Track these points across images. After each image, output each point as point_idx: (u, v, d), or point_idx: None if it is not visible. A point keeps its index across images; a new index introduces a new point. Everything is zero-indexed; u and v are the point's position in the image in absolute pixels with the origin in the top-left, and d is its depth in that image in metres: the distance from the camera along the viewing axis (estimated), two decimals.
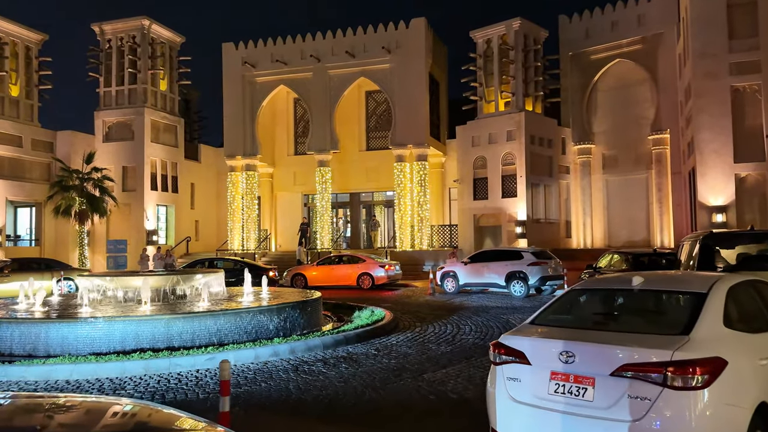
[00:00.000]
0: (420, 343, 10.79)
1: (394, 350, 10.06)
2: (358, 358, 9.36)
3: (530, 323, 4.98)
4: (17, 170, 29.10)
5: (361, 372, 8.43)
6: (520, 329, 4.86)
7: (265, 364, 9.11)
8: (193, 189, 34.85)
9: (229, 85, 31.92)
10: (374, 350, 10.08)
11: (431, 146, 29.15)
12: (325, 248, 29.59)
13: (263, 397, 7.25)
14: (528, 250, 19.76)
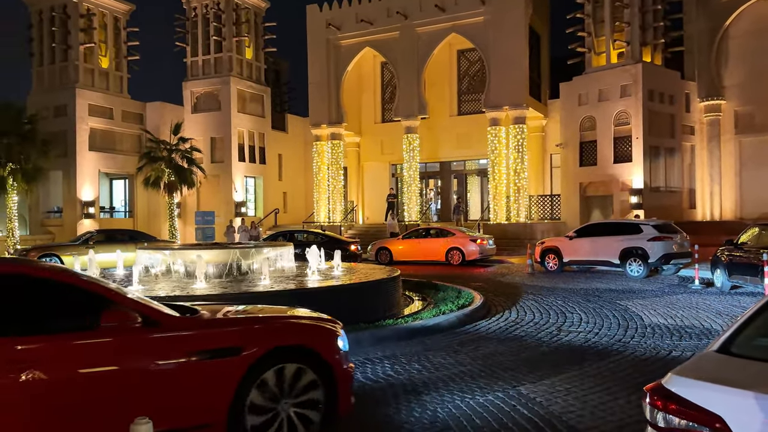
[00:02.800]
0: (515, 337, 8.64)
1: (482, 346, 8.00)
2: (435, 357, 7.40)
3: (720, 351, 2.75)
4: (109, 142, 29.49)
5: (437, 378, 6.46)
6: (702, 366, 2.66)
7: None
8: (281, 160, 34.13)
9: (313, 50, 30.49)
10: (457, 344, 8.09)
11: (530, 107, 26.20)
12: (413, 220, 27.72)
13: None
14: (648, 223, 16.76)
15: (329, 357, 4.41)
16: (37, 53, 29.20)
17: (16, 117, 23.97)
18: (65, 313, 3.75)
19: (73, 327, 3.66)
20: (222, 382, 3.92)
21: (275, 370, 4.14)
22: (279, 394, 4.18)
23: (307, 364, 4.29)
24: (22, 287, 3.70)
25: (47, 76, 28.99)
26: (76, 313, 3.74)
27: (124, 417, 3.22)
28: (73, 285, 3.80)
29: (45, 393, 3.42)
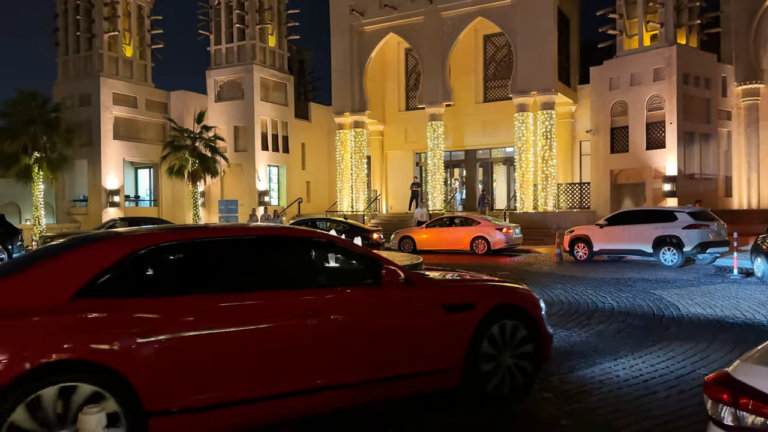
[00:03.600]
0: None
1: None
2: None
3: None
4: (133, 131, 29.57)
5: None
6: None
7: None
8: (304, 149, 33.91)
9: (336, 37, 30.07)
10: None
11: (559, 92, 25.40)
12: (438, 210, 27.21)
13: None
14: (684, 210, 16.02)
15: (537, 316, 5.10)
16: (62, 42, 29.38)
17: (42, 106, 24.10)
18: (362, 272, 4.68)
19: (368, 282, 4.57)
20: (461, 332, 4.65)
21: (499, 324, 4.83)
22: (502, 345, 4.85)
23: (521, 321, 4.96)
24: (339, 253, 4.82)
25: (72, 65, 29.15)
26: (367, 272, 4.60)
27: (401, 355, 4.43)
28: (361, 253, 4.77)
29: (352, 331, 4.29)
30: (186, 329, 3.68)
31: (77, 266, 3.70)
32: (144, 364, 3.50)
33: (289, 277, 4.37)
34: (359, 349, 4.28)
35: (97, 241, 4.03)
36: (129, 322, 3.55)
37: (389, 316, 4.48)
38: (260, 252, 4.40)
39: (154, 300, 3.74)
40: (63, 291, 3.52)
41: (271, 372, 3.92)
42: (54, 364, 3.28)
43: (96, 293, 3.61)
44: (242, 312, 3.94)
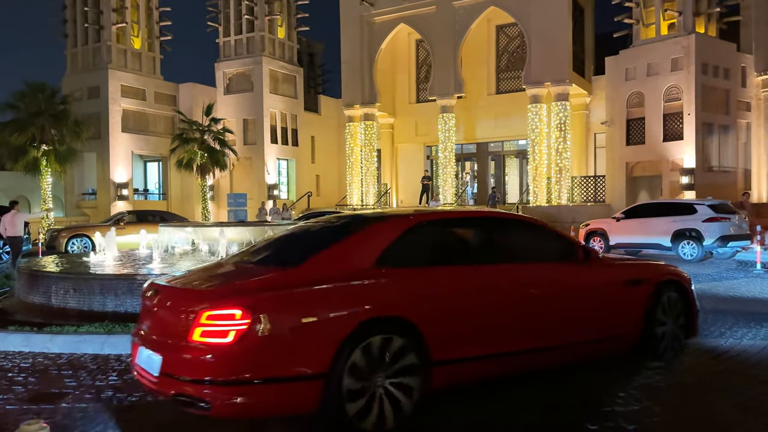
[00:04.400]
0: None
1: None
2: None
3: None
4: (142, 124, 29.36)
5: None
6: None
7: None
8: (314, 142, 33.60)
9: (346, 28, 29.64)
10: None
11: (573, 83, 24.84)
12: (448, 203, 26.80)
13: None
14: (704, 203, 15.57)
15: (690, 291, 5.93)
16: (70, 34, 29.17)
17: (50, 98, 23.91)
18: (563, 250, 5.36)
19: (567, 259, 5.31)
20: (637, 303, 5.42)
21: (666, 295, 5.62)
22: (668, 314, 5.63)
23: (678, 294, 5.77)
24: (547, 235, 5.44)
25: (80, 58, 28.95)
26: (567, 251, 5.36)
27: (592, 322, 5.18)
28: (563, 236, 5.57)
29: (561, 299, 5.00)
30: (458, 294, 4.47)
31: (373, 240, 4.43)
32: (432, 323, 4.18)
33: (516, 252, 5.15)
34: (565, 315, 4.99)
35: (384, 220, 4.88)
36: (420, 287, 4.32)
37: (586, 287, 5.25)
38: (492, 230, 5.20)
39: (431, 269, 4.51)
40: (367, 260, 4.25)
41: (512, 332, 4.67)
42: (377, 319, 4.00)
43: (387, 263, 4.29)
44: (490, 280, 4.70)
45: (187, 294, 4.10)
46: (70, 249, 18.88)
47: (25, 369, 5.76)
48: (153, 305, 4.21)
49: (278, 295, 3.84)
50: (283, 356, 3.72)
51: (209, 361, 3.65)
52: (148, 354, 4.00)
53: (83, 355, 6.30)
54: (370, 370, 3.89)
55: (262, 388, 3.68)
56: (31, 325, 7.12)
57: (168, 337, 3.90)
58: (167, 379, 3.79)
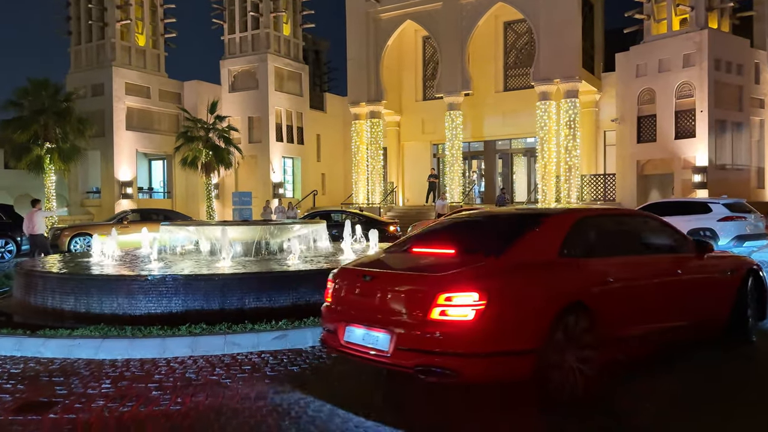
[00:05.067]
0: None
1: None
2: None
3: None
4: (146, 122, 29.15)
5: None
6: None
7: None
8: (319, 140, 33.33)
9: (352, 25, 29.31)
10: None
11: (583, 80, 24.45)
12: (456, 202, 26.45)
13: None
14: (718, 202, 15.17)
15: (764, 279, 6.58)
16: (74, 32, 28.98)
17: (53, 95, 23.69)
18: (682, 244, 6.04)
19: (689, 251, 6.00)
20: (732, 289, 6.17)
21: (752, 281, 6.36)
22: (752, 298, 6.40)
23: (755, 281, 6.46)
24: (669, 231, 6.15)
25: (84, 55, 28.75)
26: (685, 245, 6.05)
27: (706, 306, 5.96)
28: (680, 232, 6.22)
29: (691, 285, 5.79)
30: (619, 281, 5.01)
31: (552, 234, 4.99)
32: (602, 306, 4.75)
33: (655, 245, 6.03)
34: (689, 299, 5.73)
35: (555, 216, 5.50)
36: (591, 275, 4.89)
37: (701, 275, 5.95)
38: (635, 225, 6.13)
39: (597, 259, 5.09)
40: (552, 251, 4.83)
41: (658, 314, 5.42)
42: (570, 302, 4.55)
43: (565, 254, 4.89)
44: (642, 269, 5.42)
45: (422, 279, 4.56)
46: (73, 248, 18.67)
47: (14, 375, 5.49)
48: (371, 289, 4.71)
49: (505, 281, 4.46)
50: (509, 332, 4.31)
51: (454, 336, 4.21)
52: (365, 332, 4.62)
53: (76, 361, 6.02)
54: (565, 346, 4.46)
55: (495, 359, 4.26)
56: (26, 327, 6.85)
57: (401, 317, 4.44)
58: (405, 353, 4.34)
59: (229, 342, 6.42)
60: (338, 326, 4.86)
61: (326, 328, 5.09)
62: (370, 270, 4.88)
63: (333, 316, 4.99)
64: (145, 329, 6.70)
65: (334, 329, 4.92)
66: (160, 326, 6.80)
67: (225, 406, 4.67)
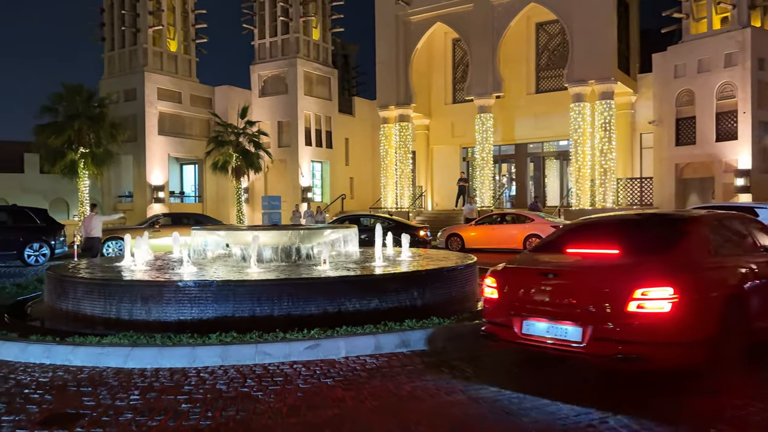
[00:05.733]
0: None
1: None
2: (532, 363, 5.96)
3: None
4: (178, 126, 29.43)
5: (537, 392, 5.04)
6: None
7: (388, 360, 6.11)
8: (348, 144, 33.23)
9: (381, 28, 29.15)
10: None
11: (618, 81, 23.82)
12: (486, 206, 26.02)
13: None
14: (766, 207, 14.46)
15: None
16: (108, 38, 29.45)
17: (87, 101, 24.06)
18: None
19: None
20: None
21: None
22: None
23: None
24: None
25: (117, 61, 29.19)
26: None
27: None
28: None
29: None
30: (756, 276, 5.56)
31: (703, 234, 5.53)
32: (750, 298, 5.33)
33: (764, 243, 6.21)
34: None
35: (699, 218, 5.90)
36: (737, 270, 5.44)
37: None
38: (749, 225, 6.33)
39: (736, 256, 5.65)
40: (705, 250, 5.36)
41: None
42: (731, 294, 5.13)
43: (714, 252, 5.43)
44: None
45: (615, 276, 4.97)
46: (105, 252, 18.80)
47: (42, 384, 5.36)
48: (555, 286, 5.11)
49: (691, 276, 4.93)
50: (695, 323, 4.72)
51: (651, 326, 4.63)
52: (549, 325, 5.04)
53: (105, 369, 5.87)
54: (728, 335, 4.90)
55: (683, 347, 4.69)
56: (55, 334, 6.75)
57: (594, 310, 4.82)
58: (601, 343, 4.74)
59: (261, 351, 6.21)
60: (513, 320, 5.27)
61: (493, 323, 5.57)
62: (550, 269, 5.33)
63: (504, 311, 5.40)
64: (174, 337, 6.54)
65: (506, 323, 5.34)
66: (190, 334, 6.63)
67: (256, 422, 4.44)
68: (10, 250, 16.19)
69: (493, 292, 5.57)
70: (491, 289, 5.59)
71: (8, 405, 4.76)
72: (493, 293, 5.57)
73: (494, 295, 5.55)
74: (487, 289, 5.66)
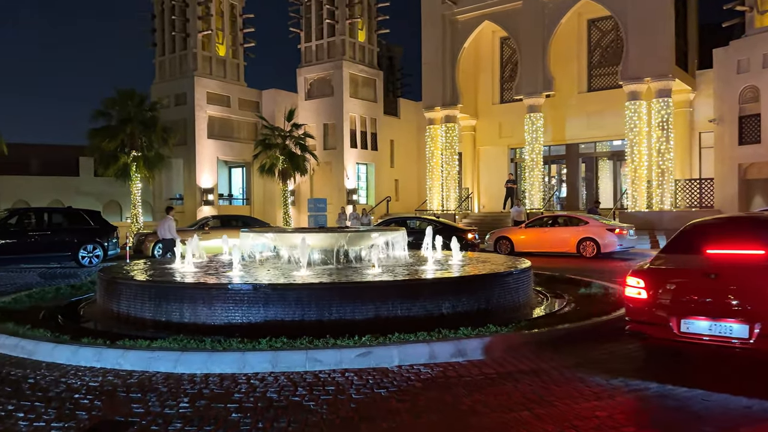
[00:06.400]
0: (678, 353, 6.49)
1: (655, 363, 5.99)
2: (595, 376, 5.53)
3: None
4: (226, 130, 29.83)
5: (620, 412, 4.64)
6: None
7: (444, 371, 5.79)
8: (393, 146, 33.02)
9: (427, 28, 28.84)
10: (618, 361, 6.12)
11: (676, 78, 22.81)
12: (535, 208, 25.34)
13: None
14: None
15: None
16: (159, 43, 30.12)
17: (138, 105, 24.58)
18: None
19: None
20: None
21: None
22: None
23: None
24: None
25: (168, 66, 29.81)
26: None
27: None
28: None
29: None
30: None
31: None
32: None
33: None
34: None
35: None
36: None
37: None
38: None
39: None
40: None
41: None
42: None
43: None
44: None
45: None
46: (156, 253, 19.10)
47: (92, 389, 5.27)
48: (719, 285, 5.24)
49: None
50: None
51: None
52: (711, 323, 5.23)
53: (155, 374, 5.76)
54: None
55: None
56: (106, 337, 6.71)
57: (761, 307, 5.03)
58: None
59: (311, 358, 6.00)
60: (670, 319, 5.45)
61: (640, 321, 5.73)
62: (710, 269, 5.40)
63: (657, 311, 5.56)
64: (224, 342, 6.39)
65: (659, 322, 5.53)
66: (240, 339, 6.47)
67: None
68: (65, 251, 16.59)
69: (639, 292, 5.73)
70: (637, 290, 5.75)
71: (58, 411, 4.68)
72: (639, 293, 5.73)
73: (641, 295, 5.71)
74: (631, 290, 5.81)
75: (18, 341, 6.62)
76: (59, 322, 8.06)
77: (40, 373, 5.79)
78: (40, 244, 16.23)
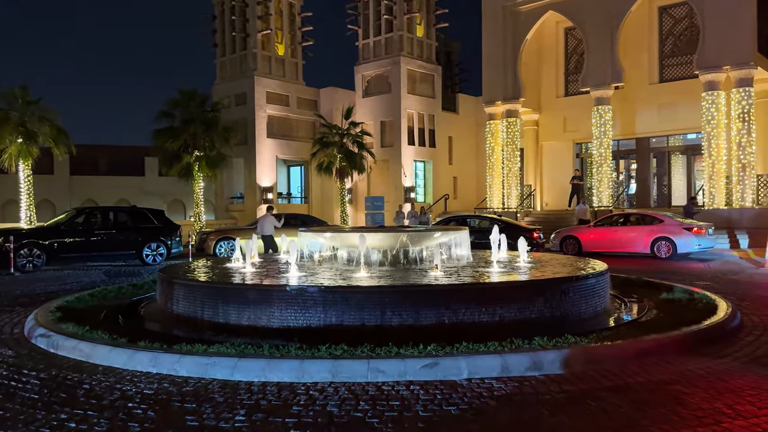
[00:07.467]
0: None
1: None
2: (693, 396, 4.87)
3: None
4: (285, 129, 30.00)
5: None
6: None
7: (519, 386, 5.25)
8: (451, 143, 32.39)
9: (488, 20, 28.00)
10: (707, 372, 5.42)
11: (759, 66, 21.18)
12: (604, 206, 24.15)
13: None
14: None
15: None
16: (220, 44, 30.59)
17: (200, 105, 24.96)
18: None
19: None
20: None
21: None
22: None
23: None
24: None
25: (229, 66, 30.22)
26: None
27: None
28: None
29: None
30: None
31: None
32: None
33: None
34: None
35: None
36: None
37: None
38: None
39: None
40: None
41: None
42: None
43: None
44: None
45: None
46: (218, 252, 19.26)
47: (146, 398, 5.04)
48: None
49: None
50: None
51: None
52: None
53: (211, 382, 5.50)
54: None
55: None
56: (163, 339, 6.53)
57: None
58: None
59: (373, 368, 5.59)
60: None
61: None
62: None
63: None
64: (282, 348, 6.07)
65: None
66: (298, 345, 6.13)
67: None
68: (129, 250, 16.90)
69: None
70: None
71: (110, 422, 4.45)
72: None
73: None
74: None
75: (77, 343, 6.52)
76: (119, 323, 8.00)
77: (96, 378, 5.63)
78: (105, 242, 16.58)
